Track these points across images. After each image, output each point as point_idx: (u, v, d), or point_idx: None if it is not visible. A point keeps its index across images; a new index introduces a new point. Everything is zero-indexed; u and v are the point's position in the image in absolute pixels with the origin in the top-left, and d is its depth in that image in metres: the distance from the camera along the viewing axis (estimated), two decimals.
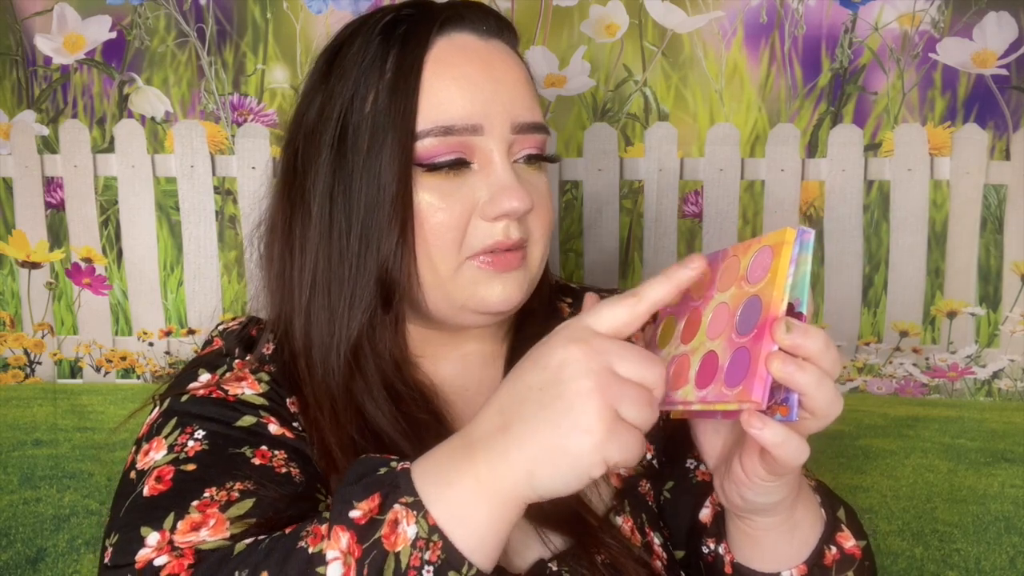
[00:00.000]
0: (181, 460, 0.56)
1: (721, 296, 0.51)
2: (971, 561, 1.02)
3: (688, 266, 0.49)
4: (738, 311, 0.49)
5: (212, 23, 0.99)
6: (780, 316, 0.46)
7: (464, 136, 0.61)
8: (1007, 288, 1.01)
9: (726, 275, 0.51)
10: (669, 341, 0.53)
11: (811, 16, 0.98)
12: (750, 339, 0.47)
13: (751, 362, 0.46)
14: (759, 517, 0.56)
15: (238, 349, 0.66)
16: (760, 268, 0.49)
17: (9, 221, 1.04)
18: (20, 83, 1.01)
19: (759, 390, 0.45)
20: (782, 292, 0.46)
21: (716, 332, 0.50)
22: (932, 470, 1.04)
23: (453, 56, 0.63)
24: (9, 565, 1.03)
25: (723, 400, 0.47)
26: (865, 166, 1.01)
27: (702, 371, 0.49)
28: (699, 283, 0.52)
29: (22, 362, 1.06)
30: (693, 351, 0.50)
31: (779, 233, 0.49)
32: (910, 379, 1.04)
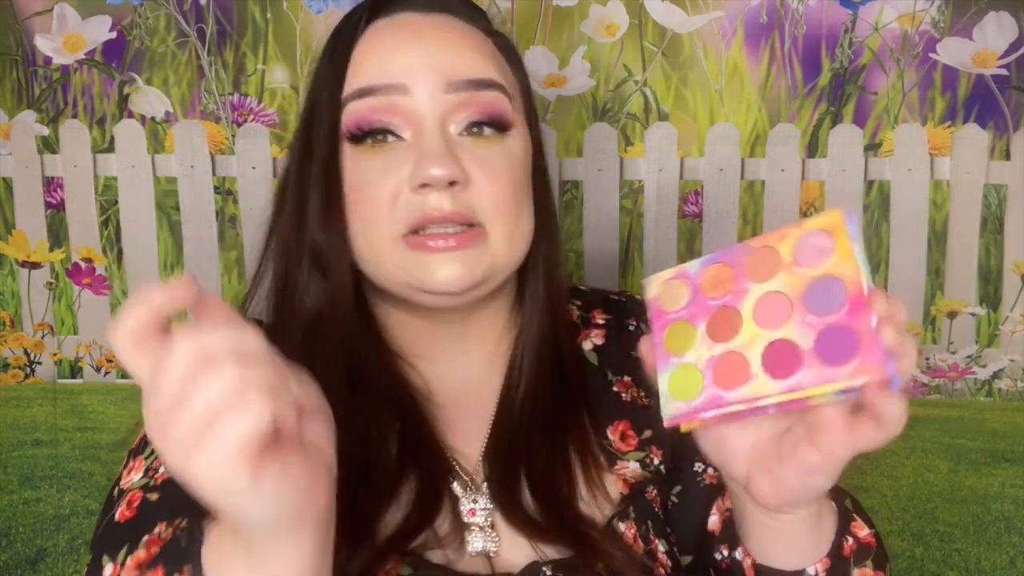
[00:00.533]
0: (150, 487, 0.56)
1: (764, 286, 0.49)
2: (971, 561, 1.02)
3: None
4: (805, 295, 0.47)
5: (212, 23, 0.99)
6: (872, 289, 0.46)
7: (386, 96, 0.58)
8: (1007, 288, 1.01)
9: (760, 267, 0.50)
10: (690, 345, 0.51)
11: (811, 16, 0.98)
12: (842, 317, 0.46)
13: (859, 337, 0.45)
14: (798, 509, 0.53)
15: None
16: (814, 251, 0.48)
17: (9, 221, 1.04)
18: (20, 83, 1.01)
19: (883, 360, 0.44)
20: (858, 267, 0.46)
21: (776, 321, 0.48)
22: (932, 470, 1.04)
23: (383, 30, 0.61)
24: (9, 565, 1.03)
25: (829, 381, 0.45)
26: (865, 166, 1.01)
27: (773, 361, 0.47)
28: (714, 281, 0.51)
29: (22, 362, 1.06)
30: (745, 346, 0.48)
31: (825, 216, 0.48)
32: (910, 379, 1.04)
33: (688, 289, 0.52)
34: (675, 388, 0.50)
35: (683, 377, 0.50)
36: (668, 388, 0.50)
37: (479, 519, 0.60)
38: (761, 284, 0.49)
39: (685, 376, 0.50)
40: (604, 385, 0.67)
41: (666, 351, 0.52)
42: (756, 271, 0.50)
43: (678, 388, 0.50)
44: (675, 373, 0.50)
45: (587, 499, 0.62)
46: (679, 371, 0.50)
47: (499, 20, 0.98)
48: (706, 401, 0.49)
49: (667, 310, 0.53)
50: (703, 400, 0.49)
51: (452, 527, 0.59)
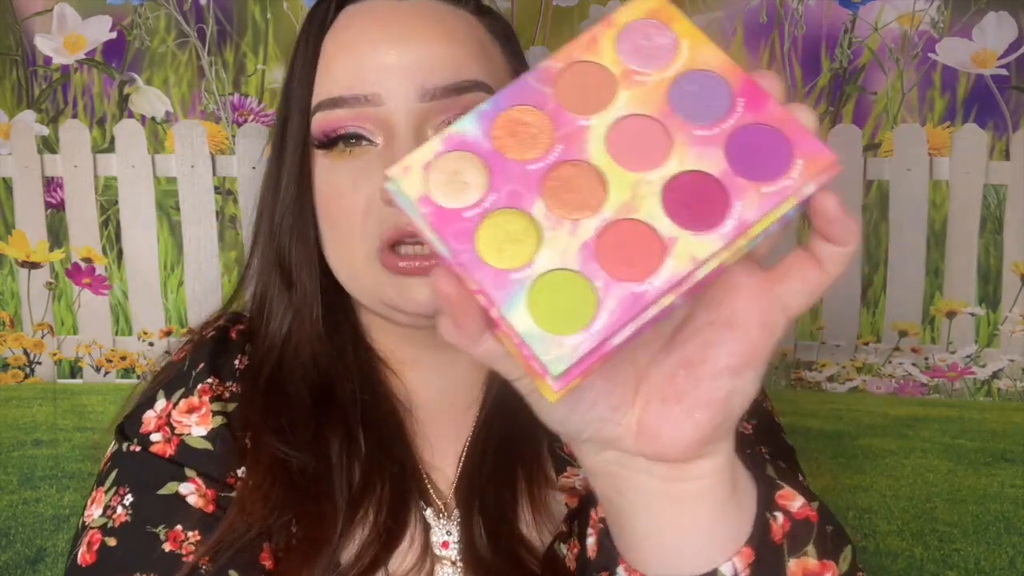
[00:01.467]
0: (108, 529, 0.55)
1: (606, 115, 0.34)
2: (971, 561, 1.02)
3: None
4: (673, 106, 0.34)
5: (212, 23, 0.99)
6: (760, 71, 0.35)
7: (357, 108, 0.53)
8: (1007, 288, 1.01)
9: (583, 92, 0.35)
10: (533, 243, 0.32)
11: (811, 16, 0.98)
12: (744, 115, 0.33)
13: (783, 130, 0.33)
14: (718, 447, 0.38)
15: (203, 365, 0.61)
16: (650, 50, 0.35)
17: (9, 221, 1.04)
18: (20, 83, 1.01)
19: (824, 149, 0.33)
20: (721, 52, 0.35)
21: (654, 155, 0.33)
22: (932, 470, 1.04)
23: (350, 22, 0.56)
24: (9, 565, 1.03)
25: (779, 200, 0.33)
26: (864, 166, 1.01)
27: (686, 210, 0.32)
28: (521, 136, 0.34)
29: (22, 362, 1.06)
30: (628, 206, 0.32)
31: (638, 3, 0.36)
32: (909, 379, 1.04)
33: (479, 161, 0.34)
34: (546, 317, 0.31)
35: (550, 294, 0.31)
36: (533, 321, 0.31)
37: (451, 553, 0.57)
38: (599, 114, 0.34)
39: (553, 291, 0.31)
40: None
41: (494, 269, 0.32)
42: (580, 99, 0.35)
43: (552, 315, 0.31)
44: (533, 294, 0.31)
45: (530, 522, 0.57)
46: (538, 288, 0.31)
47: None
48: (616, 313, 0.31)
49: (456, 206, 0.33)
50: (610, 313, 0.31)
51: (419, 558, 0.55)
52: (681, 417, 0.36)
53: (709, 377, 0.36)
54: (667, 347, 0.37)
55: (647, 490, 0.39)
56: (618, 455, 0.38)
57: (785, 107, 0.34)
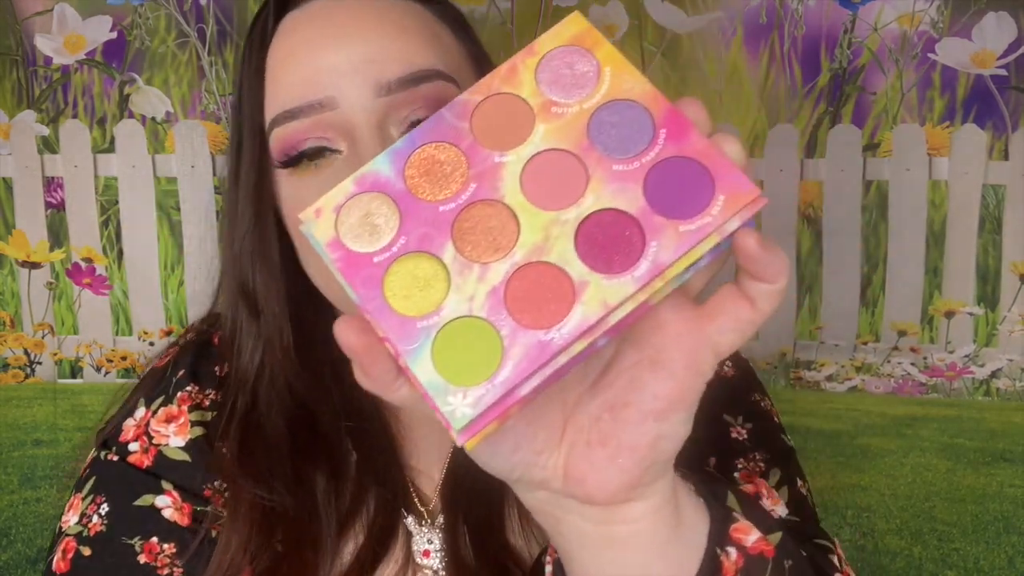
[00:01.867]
0: (83, 538, 0.55)
1: (522, 150, 0.32)
2: (970, 560, 1.02)
3: None
4: (592, 139, 0.32)
5: (212, 23, 0.99)
6: (684, 100, 0.33)
7: (313, 116, 0.50)
8: (1005, 288, 1.02)
9: (498, 125, 0.33)
10: (440, 287, 0.31)
11: (811, 16, 0.98)
12: (665, 147, 0.32)
13: (705, 164, 0.32)
14: (652, 487, 0.36)
15: (183, 371, 0.60)
16: (573, 77, 0.33)
17: (9, 221, 1.04)
18: (20, 83, 1.01)
19: (747, 182, 0.31)
20: (644, 79, 0.33)
21: (569, 193, 0.32)
22: (930, 469, 1.04)
23: (296, 28, 0.53)
24: (9, 565, 1.03)
25: (698, 239, 0.30)
26: (864, 166, 1.01)
27: (599, 252, 0.31)
28: (434, 175, 0.33)
29: (22, 362, 1.06)
30: (540, 248, 0.31)
31: (562, 28, 0.34)
32: (908, 378, 1.04)
33: (391, 203, 0.32)
34: (451, 368, 0.30)
35: (456, 344, 0.30)
36: (437, 371, 0.30)
37: (433, 562, 0.55)
38: (516, 149, 0.33)
39: (459, 340, 0.30)
40: None
41: (401, 316, 0.31)
42: (497, 134, 0.33)
43: (456, 366, 0.30)
44: (438, 343, 0.30)
45: (518, 531, 0.55)
46: (444, 337, 0.30)
47: (499, 20, 0.98)
48: (522, 363, 0.29)
49: (365, 250, 0.32)
50: (516, 363, 0.30)
51: (400, 569, 0.54)
52: (606, 462, 0.35)
53: (634, 421, 0.34)
54: (593, 387, 0.36)
55: (581, 532, 0.37)
56: (550, 495, 0.37)
57: (708, 139, 0.32)
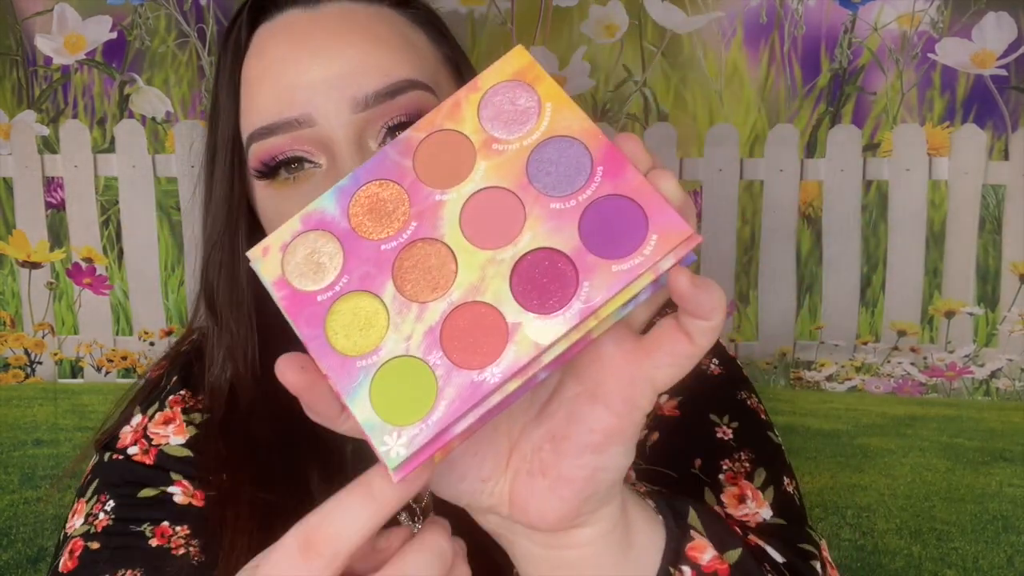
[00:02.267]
0: (90, 535, 0.55)
1: (462, 188, 0.33)
2: (969, 560, 1.02)
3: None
4: (530, 177, 0.32)
5: (212, 23, 0.99)
6: (621, 136, 0.33)
7: (291, 133, 0.50)
8: (1005, 288, 1.02)
9: (441, 164, 0.33)
10: (380, 327, 0.31)
11: (811, 16, 0.98)
12: (601, 185, 0.32)
13: (639, 202, 0.31)
14: (596, 516, 0.37)
15: (175, 378, 0.61)
16: (514, 113, 0.33)
17: (9, 221, 1.04)
18: (20, 83, 1.01)
19: (681, 222, 0.31)
20: (584, 115, 0.33)
21: (506, 231, 0.32)
22: (930, 469, 1.04)
23: (268, 43, 0.53)
24: (10, 565, 1.04)
25: (630, 279, 0.31)
26: (864, 166, 1.01)
27: (533, 291, 0.31)
28: (377, 213, 0.33)
29: (23, 362, 1.06)
30: (476, 288, 0.31)
31: (505, 63, 0.34)
32: (908, 378, 1.04)
33: (334, 241, 0.33)
34: (387, 407, 0.30)
35: (393, 383, 0.31)
36: (375, 411, 0.30)
37: None
38: (456, 187, 0.33)
39: (396, 379, 0.31)
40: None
41: (341, 356, 0.32)
42: (438, 172, 0.33)
43: (393, 405, 0.30)
44: (376, 383, 0.31)
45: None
46: (382, 376, 0.31)
47: (499, 20, 0.98)
48: (454, 403, 0.30)
49: (309, 289, 0.33)
50: (449, 403, 0.30)
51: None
52: (546, 492, 0.35)
53: (572, 454, 0.35)
54: (538, 416, 0.36)
55: (531, 554, 0.38)
56: (500, 519, 0.38)
57: (644, 176, 0.32)
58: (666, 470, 0.58)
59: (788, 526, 0.58)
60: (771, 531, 0.56)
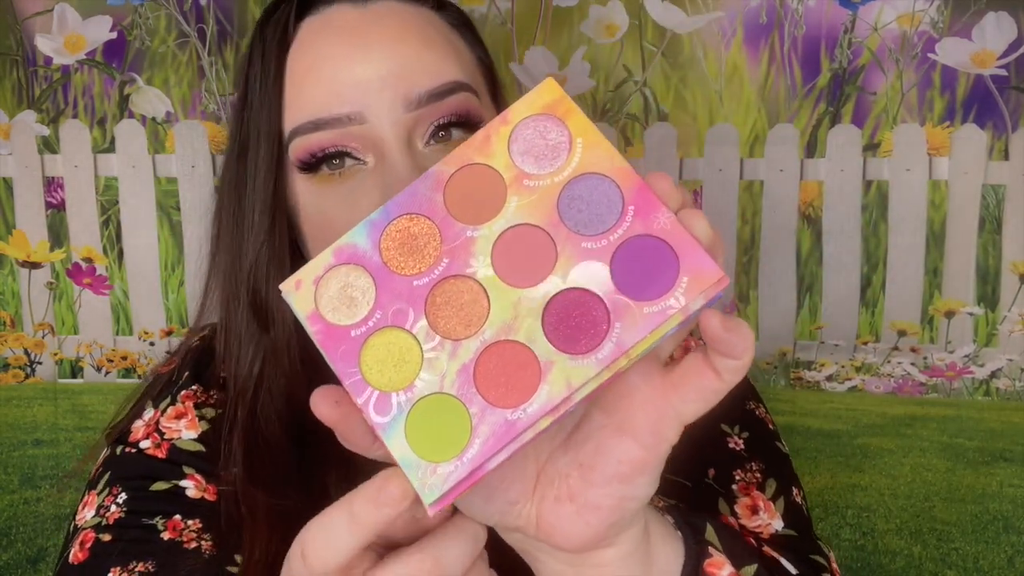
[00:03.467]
0: (102, 527, 0.55)
1: (494, 225, 0.33)
2: (969, 560, 1.02)
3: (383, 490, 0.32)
4: (561, 215, 0.33)
5: (213, 23, 0.99)
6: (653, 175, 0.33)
7: (340, 129, 0.50)
8: (1005, 288, 1.02)
9: (471, 198, 0.33)
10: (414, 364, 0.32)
11: (811, 16, 0.98)
12: (633, 225, 0.32)
13: (671, 244, 0.32)
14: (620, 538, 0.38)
15: (187, 373, 0.61)
16: (545, 148, 0.33)
17: (9, 221, 1.04)
18: (20, 83, 1.01)
19: (711, 264, 0.32)
20: (615, 151, 0.33)
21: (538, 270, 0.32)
22: (930, 469, 1.04)
23: (316, 37, 0.52)
24: (10, 565, 1.03)
25: (660, 322, 0.31)
26: (864, 166, 1.01)
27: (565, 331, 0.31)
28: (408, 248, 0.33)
29: (22, 362, 1.06)
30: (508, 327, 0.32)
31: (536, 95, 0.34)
32: (908, 378, 1.04)
33: (367, 276, 0.33)
34: (423, 443, 0.31)
35: (429, 419, 0.31)
36: (409, 446, 0.31)
37: None
38: (488, 224, 0.33)
39: (431, 416, 0.31)
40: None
41: (377, 391, 0.32)
42: (469, 207, 0.33)
43: (429, 441, 0.31)
44: (412, 419, 0.31)
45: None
46: (417, 413, 0.32)
47: (499, 20, 0.98)
48: (489, 441, 0.31)
49: (343, 323, 0.33)
50: (483, 441, 0.31)
51: None
52: (574, 517, 0.36)
53: (599, 483, 0.36)
54: (565, 444, 0.37)
55: (556, 571, 0.39)
56: (525, 538, 0.39)
57: (674, 217, 0.33)
58: (681, 480, 0.58)
59: (799, 537, 0.59)
60: (783, 542, 0.56)
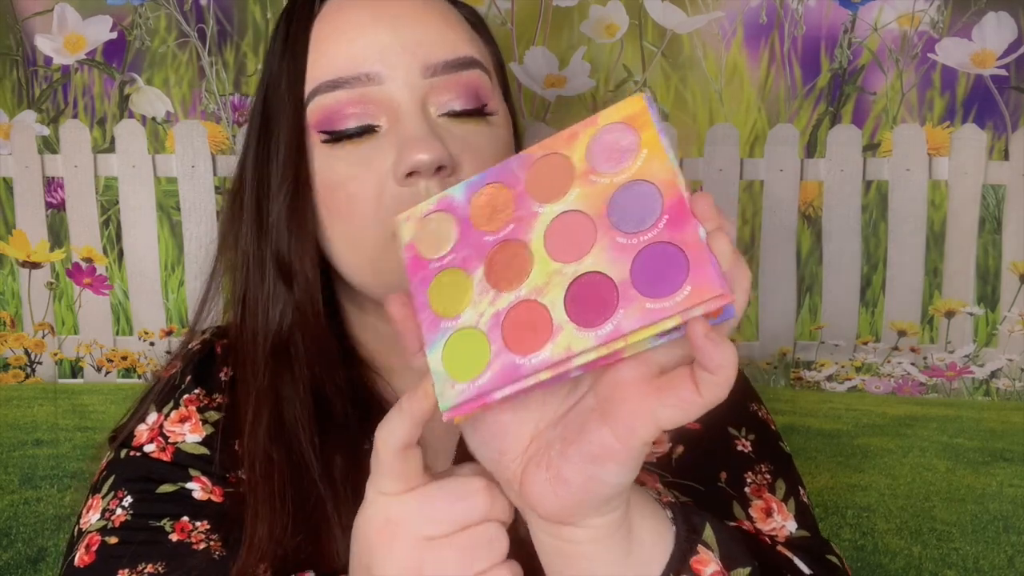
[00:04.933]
0: (108, 530, 0.55)
1: (555, 206, 0.38)
2: (969, 560, 1.02)
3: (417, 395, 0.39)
4: (609, 210, 0.37)
5: (213, 23, 0.99)
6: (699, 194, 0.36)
7: (359, 88, 0.52)
8: (1005, 288, 1.02)
9: (547, 181, 0.39)
10: (465, 301, 0.39)
11: (810, 16, 0.98)
12: (662, 231, 0.36)
13: (687, 255, 0.35)
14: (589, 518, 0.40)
15: (189, 377, 0.61)
16: (614, 152, 0.38)
17: (9, 221, 1.04)
18: (20, 83, 1.01)
19: (719, 282, 0.34)
20: (672, 165, 0.37)
21: (576, 250, 0.37)
22: (930, 469, 1.04)
23: (341, 8, 0.55)
24: (10, 565, 1.03)
25: (657, 319, 0.35)
26: (864, 166, 1.01)
27: (581, 305, 0.36)
28: (489, 209, 0.40)
29: (23, 362, 1.06)
30: (540, 290, 0.37)
31: (623, 105, 0.39)
32: (908, 378, 1.04)
33: (455, 224, 0.41)
34: (453, 363, 0.38)
35: (462, 346, 0.38)
36: (443, 364, 0.38)
37: None
38: (551, 204, 0.39)
39: (464, 344, 0.38)
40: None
41: (434, 314, 0.39)
42: (542, 188, 0.40)
43: (457, 362, 0.38)
44: (450, 342, 0.38)
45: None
46: (455, 338, 0.38)
47: (499, 20, 0.98)
48: (497, 376, 0.37)
49: (428, 257, 0.41)
50: (493, 375, 0.37)
51: None
52: (545, 485, 0.39)
53: (574, 459, 0.38)
54: (560, 418, 0.40)
55: (537, 539, 0.43)
56: (516, 497, 0.42)
57: (700, 233, 0.36)
58: (694, 483, 0.59)
59: (812, 539, 0.59)
60: (799, 543, 0.57)
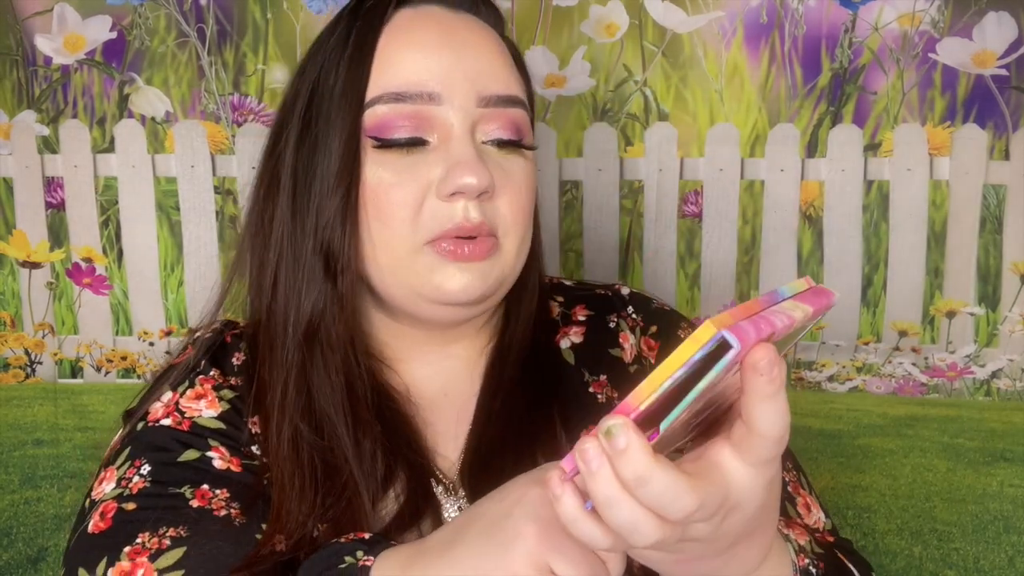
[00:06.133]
0: (124, 497, 0.55)
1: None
2: (970, 560, 1.02)
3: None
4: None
5: (212, 23, 0.99)
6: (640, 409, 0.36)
7: (418, 105, 0.56)
8: (1006, 288, 1.02)
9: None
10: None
11: (811, 16, 0.98)
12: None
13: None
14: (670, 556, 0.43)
15: (204, 361, 0.63)
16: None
17: (9, 221, 1.04)
18: (20, 83, 1.01)
19: (568, 461, 0.37)
20: (651, 396, 0.36)
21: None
22: (931, 469, 1.04)
23: (411, 23, 0.59)
24: (10, 565, 1.04)
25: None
26: (865, 166, 1.01)
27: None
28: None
29: (23, 362, 1.06)
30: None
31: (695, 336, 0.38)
32: (909, 378, 1.04)
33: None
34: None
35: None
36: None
37: None
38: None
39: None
40: (580, 386, 0.65)
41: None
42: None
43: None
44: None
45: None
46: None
47: None
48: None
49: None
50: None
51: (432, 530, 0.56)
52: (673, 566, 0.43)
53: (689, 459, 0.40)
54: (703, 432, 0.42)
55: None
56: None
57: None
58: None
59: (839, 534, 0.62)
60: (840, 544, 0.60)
